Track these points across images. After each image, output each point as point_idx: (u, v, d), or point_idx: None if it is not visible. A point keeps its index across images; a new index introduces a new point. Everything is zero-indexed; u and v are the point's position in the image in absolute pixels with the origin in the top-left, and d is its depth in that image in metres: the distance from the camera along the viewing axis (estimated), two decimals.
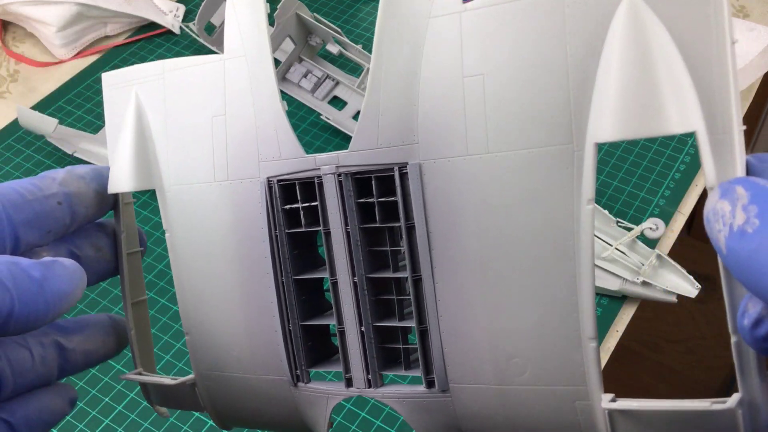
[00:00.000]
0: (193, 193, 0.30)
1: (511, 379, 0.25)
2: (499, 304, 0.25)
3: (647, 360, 1.27)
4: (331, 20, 0.85)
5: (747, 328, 0.19)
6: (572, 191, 0.23)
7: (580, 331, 0.24)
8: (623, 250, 0.59)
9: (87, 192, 0.29)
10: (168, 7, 0.86)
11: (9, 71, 0.83)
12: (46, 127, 0.69)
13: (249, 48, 0.28)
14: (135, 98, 0.31)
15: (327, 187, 0.27)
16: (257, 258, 0.29)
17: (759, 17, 0.86)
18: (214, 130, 0.29)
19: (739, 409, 0.21)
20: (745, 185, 0.18)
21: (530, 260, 0.24)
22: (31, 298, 0.24)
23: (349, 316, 0.28)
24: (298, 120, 0.76)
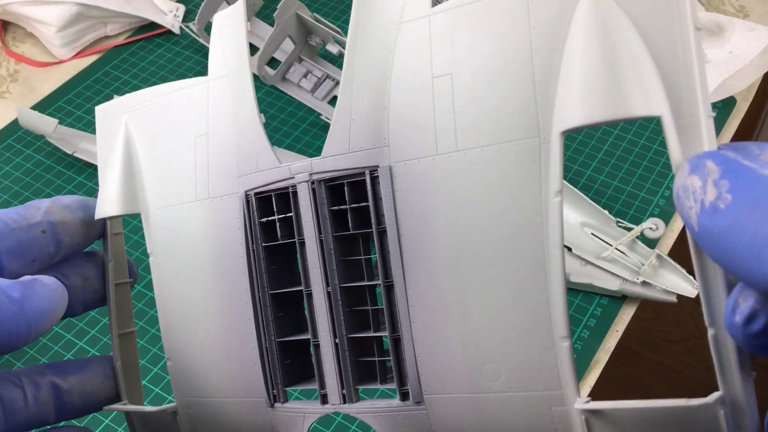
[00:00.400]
0: (175, 214, 0.30)
1: (485, 386, 0.24)
2: (471, 305, 0.24)
3: (647, 360, 1.26)
4: (331, 20, 0.85)
5: (739, 325, 0.19)
6: (540, 185, 0.23)
7: (552, 331, 0.23)
8: (623, 250, 0.59)
9: (72, 221, 0.29)
10: (168, 7, 0.86)
11: (9, 71, 0.83)
12: (46, 127, 0.69)
13: (231, 68, 0.29)
14: (124, 126, 0.31)
15: (301, 195, 0.27)
16: (235, 274, 0.29)
17: (759, 17, 0.86)
18: (197, 149, 0.29)
19: (719, 408, 0.20)
20: (715, 159, 0.18)
21: (500, 257, 0.24)
22: (11, 318, 0.24)
23: (323, 328, 0.27)
24: (298, 120, 0.76)
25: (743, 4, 0.88)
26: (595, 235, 0.60)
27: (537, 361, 0.23)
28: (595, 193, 0.68)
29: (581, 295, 0.61)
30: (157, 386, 0.57)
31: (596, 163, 0.72)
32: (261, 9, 0.84)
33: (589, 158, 0.72)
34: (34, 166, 0.73)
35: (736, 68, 0.76)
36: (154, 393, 0.57)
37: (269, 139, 0.62)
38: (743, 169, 0.17)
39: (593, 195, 0.68)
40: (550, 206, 0.22)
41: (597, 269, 0.59)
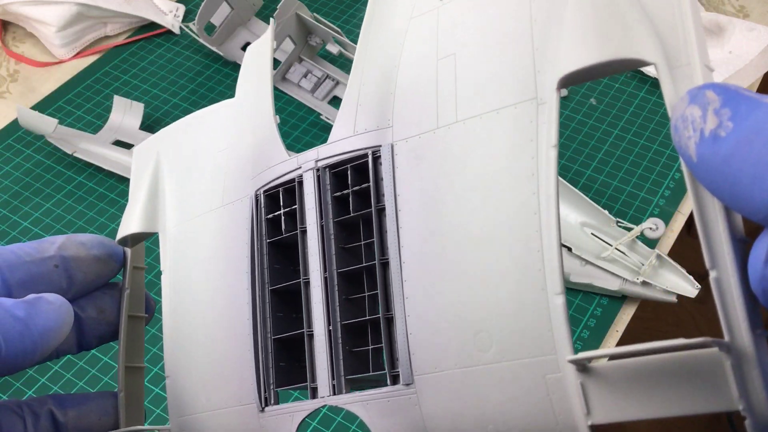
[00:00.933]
0: (190, 227, 0.30)
1: (476, 357, 0.23)
2: (465, 270, 0.24)
3: None
4: (331, 20, 0.85)
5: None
6: (536, 144, 0.22)
7: (546, 288, 0.22)
8: (623, 250, 0.59)
9: (86, 257, 0.29)
10: (168, 7, 0.86)
11: (9, 71, 0.83)
12: (46, 127, 0.69)
13: (255, 87, 0.30)
14: (155, 156, 0.32)
15: (306, 184, 0.27)
16: (238, 275, 0.28)
17: (759, 17, 0.86)
18: (217, 162, 0.30)
19: (725, 357, 0.19)
20: (715, 89, 0.17)
21: (494, 218, 0.23)
22: (17, 338, 0.24)
23: (317, 317, 0.27)
24: (298, 120, 0.76)
25: (743, 4, 0.88)
26: (595, 235, 0.60)
27: (530, 322, 0.22)
28: (595, 193, 0.68)
29: (581, 295, 0.61)
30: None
31: (596, 163, 0.72)
32: (261, 9, 0.84)
33: (589, 158, 0.72)
34: (34, 166, 0.73)
35: (736, 68, 0.76)
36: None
37: None
38: (745, 98, 0.16)
39: (593, 195, 0.68)
40: (545, 159, 0.22)
41: (597, 269, 0.59)
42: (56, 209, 0.69)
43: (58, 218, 0.68)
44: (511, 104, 0.23)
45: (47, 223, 0.68)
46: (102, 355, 0.59)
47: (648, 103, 0.77)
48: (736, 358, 0.19)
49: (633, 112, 0.76)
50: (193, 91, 0.79)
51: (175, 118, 0.77)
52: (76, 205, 0.69)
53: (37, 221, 0.68)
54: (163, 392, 0.56)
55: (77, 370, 0.58)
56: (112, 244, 0.30)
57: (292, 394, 0.28)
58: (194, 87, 0.80)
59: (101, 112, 0.77)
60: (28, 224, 0.68)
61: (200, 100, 0.78)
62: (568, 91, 0.78)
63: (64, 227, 0.68)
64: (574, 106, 0.77)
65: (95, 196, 0.70)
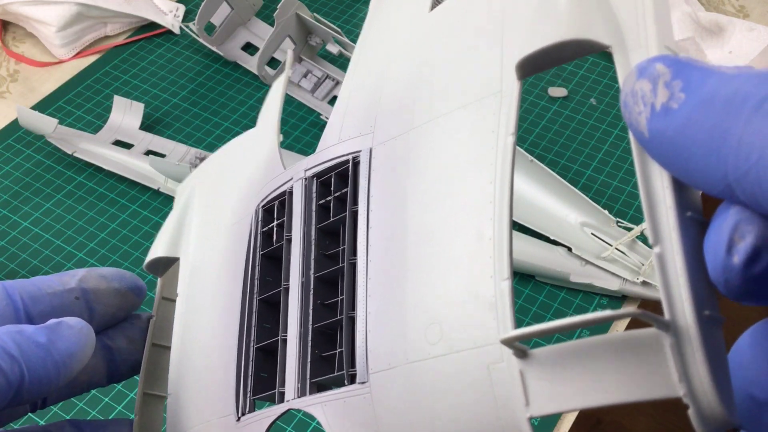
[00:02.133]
0: (205, 249, 0.31)
1: (425, 352, 0.22)
2: (425, 267, 0.23)
3: None
4: (331, 20, 0.85)
5: (738, 267, 0.16)
6: (497, 134, 0.22)
7: (495, 276, 0.21)
8: (623, 250, 0.59)
9: (107, 290, 0.29)
10: (168, 7, 0.86)
11: (9, 71, 0.83)
12: (46, 127, 0.69)
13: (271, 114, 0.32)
14: (190, 187, 0.33)
15: (295, 194, 0.27)
16: (234, 289, 0.29)
17: (759, 17, 0.86)
18: (234, 189, 0.31)
19: (665, 337, 0.17)
20: (665, 61, 0.16)
21: (452, 212, 0.23)
22: (40, 364, 0.24)
23: (292, 322, 0.27)
24: (298, 120, 0.76)
25: (743, 4, 0.88)
26: (595, 235, 0.60)
27: (476, 310, 0.21)
28: (595, 193, 0.68)
29: (581, 295, 0.61)
30: None
31: (596, 163, 0.72)
32: (261, 9, 0.84)
33: (589, 158, 0.72)
34: (34, 166, 0.73)
35: None
36: None
37: None
38: (696, 68, 0.16)
39: (593, 195, 0.68)
40: (503, 146, 0.21)
41: (597, 269, 0.59)
42: (56, 209, 0.69)
43: (58, 218, 0.68)
44: (477, 99, 0.23)
45: (47, 223, 0.68)
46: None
47: None
48: (675, 338, 0.17)
49: None
50: (193, 91, 0.79)
51: (175, 118, 0.77)
52: (76, 205, 0.69)
53: (37, 221, 0.68)
54: None
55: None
56: (133, 278, 0.31)
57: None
58: (194, 87, 0.80)
59: (101, 112, 0.77)
60: (28, 224, 0.68)
61: (200, 100, 0.78)
62: (567, 91, 0.78)
63: (64, 227, 0.67)
64: (574, 106, 0.77)
65: (95, 196, 0.70)
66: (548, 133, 0.75)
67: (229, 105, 0.78)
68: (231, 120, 0.77)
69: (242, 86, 0.80)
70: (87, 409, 0.56)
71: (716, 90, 0.15)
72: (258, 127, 0.33)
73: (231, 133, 0.75)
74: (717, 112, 0.15)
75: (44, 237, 0.67)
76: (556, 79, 0.79)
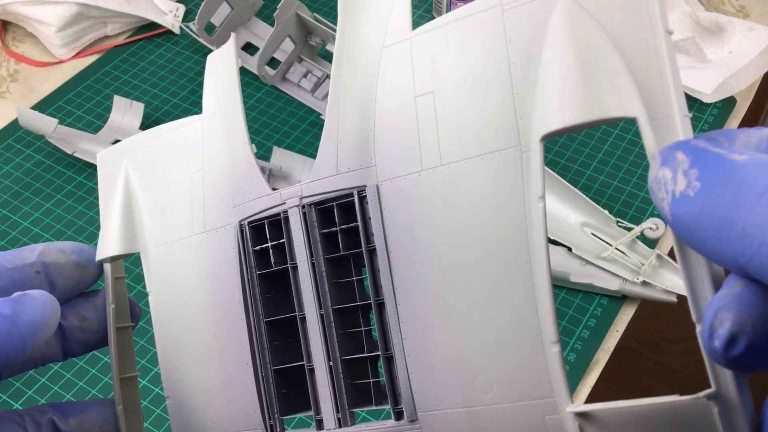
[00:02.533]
0: (173, 250, 0.30)
1: (478, 398, 0.24)
2: (460, 316, 0.24)
3: (647, 360, 1.26)
4: (331, 20, 0.85)
5: (720, 351, 0.18)
6: (522, 192, 0.23)
7: (541, 336, 0.23)
8: (623, 250, 0.59)
9: (66, 263, 0.29)
10: (168, 7, 0.86)
11: (9, 71, 0.83)
12: (46, 127, 0.69)
13: (224, 105, 0.29)
14: (124, 169, 0.31)
15: (292, 220, 0.27)
16: (231, 304, 0.29)
17: (759, 17, 0.86)
18: (192, 185, 0.29)
19: (713, 404, 0.20)
20: (684, 150, 0.18)
21: (486, 266, 0.24)
22: (5, 335, 0.24)
23: (317, 352, 0.27)
24: (298, 120, 0.76)
25: (743, 4, 0.88)
26: (595, 235, 0.60)
27: (528, 369, 0.23)
28: (595, 193, 0.68)
29: (581, 295, 0.61)
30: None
31: (596, 163, 0.72)
32: (261, 9, 0.84)
33: (589, 158, 0.72)
34: (34, 166, 0.73)
35: (736, 68, 0.76)
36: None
37: (269, 139, 0.62)
38: (712, 156, 0.17)
39: (593, 195, 0.68)
40: (533, 211, 0.23)
41: (597, 269, 0.59)
42: (56, 209, 0.69)
43: (58, 218, 0.68)
44: (495, 150, 0.23)
45: (47, 223, 0.68)
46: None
47: None
48: (722, 406, 0.20)
49: None
50: (193, 91, 0.79)
51: (175, 118, 0.77)
52: (76, 205, 0.69)
53: (37, 221, 0.68)
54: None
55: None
56: (92, 251, 0.31)
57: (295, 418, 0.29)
58: (194, 87, 0.80)
59: (101, 112, 0.77)
60: (28, 224, 0.68)
61: (200, 100, 0.78)
62: None
63: (64, 227, 0.68)
64: None
65: (95, 196, 0.70)
66: None
67: None
68: None
69: (242, 86, 0.80)
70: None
71: (726, 180, 0.16)
72: (208, 116, 0.30)
73: None
74: (725, 203, 0.16)
75: (44, 237, 0.67)
76: None
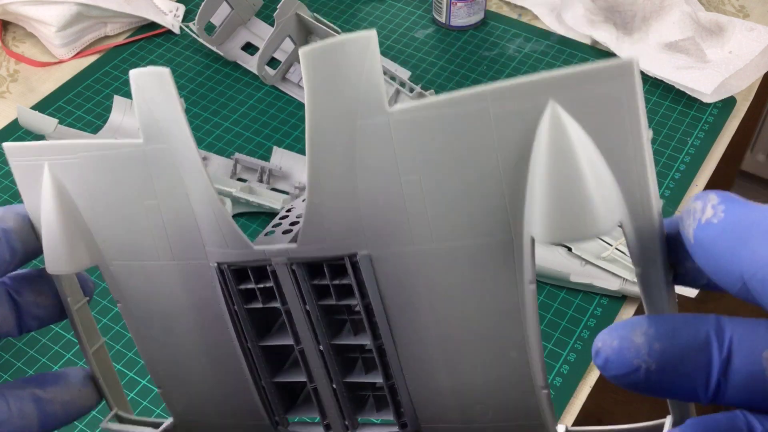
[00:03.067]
0: (139, 268, 0.29)
1: (476, 418, 0.27)
2: (458, 366, 0.26)
3: None
4: (331, 20, 0.85)
5: (601, 367, 0.21)
6: (515, 275, 0.24)
7: (533, 383, 0.26)
8: (623, 250, 0.59)
9: (25, 228, 0.29)
10: (168, 7, 0.86)
11: (9, 71, 0.83)
12: (46, 127, 0.69)
13: (169, 137, 0.26)
14: (49, 174, 0.28)
15: (280, 273, 0.27)
16: (219, 328, 0.29)
17: (759, 17, 0.86)
18: (148, 214, 0.28)
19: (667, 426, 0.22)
20: (717, 194, 0.21)
21: (483, 331, 0.26)
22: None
23: (319, 376, 0.28)
24: (297, 120, 0.76)
25: (743, 4, 0.88)
26: None
27: (521, 404, 0.26)
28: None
29: (581, 295, 0.61)
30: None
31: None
32: (261, 9, 0.84)
33: None
34: None
35: (736, 68, 0.76)
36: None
37: (269, 139, 0.62)
38: (740, 201, 0.20)
39: None
40: (525, 292, 0.24)
41: (597, 269, 0.59)
42: None
43: None
44: (488, 235, 0.24)
45: None
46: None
47: (648, 103, 0.77)
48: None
49: None
50: (193, 91, 0.79)
51: None
52: None
53: None
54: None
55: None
56: None
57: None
58: (194, 87, 0.80)
59: (101, 112, 0.77)
60: None
61: (200, 100, 0.78)
62: None
63: None
64: None
65: None
66: None
67: (229, 105, 0.78)
68: (231, 120, 0.77)
69: (242, 86, 0.80)
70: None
71: (747, 213, 0.20)
72: (150, 144, 0.27)
73: (231, 133, 0.75)
74: (742, 229, 0.19)
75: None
76: None
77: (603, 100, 0.20)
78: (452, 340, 0.26)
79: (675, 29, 0.80)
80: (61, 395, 0.30)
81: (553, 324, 0.60)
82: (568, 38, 0.84)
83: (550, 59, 0.82)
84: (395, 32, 0.86)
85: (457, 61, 0.82)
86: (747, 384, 0.20)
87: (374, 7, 0.89)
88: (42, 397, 0.29)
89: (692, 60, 0.78)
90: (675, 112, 0.76)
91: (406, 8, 0.88)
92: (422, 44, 0.84)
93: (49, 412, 0.29)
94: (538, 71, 0.23)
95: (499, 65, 0.81)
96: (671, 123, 0.75)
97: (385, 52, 0.83)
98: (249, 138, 0.75)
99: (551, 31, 0.85)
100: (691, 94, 0.77)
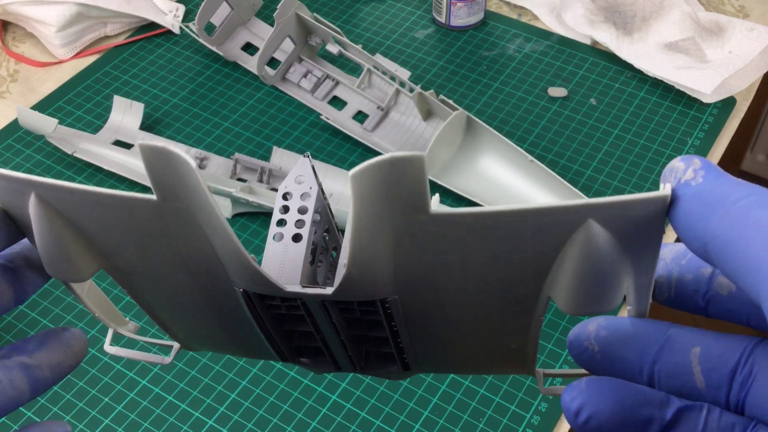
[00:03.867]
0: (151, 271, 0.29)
1: None
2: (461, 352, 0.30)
3: None
4: (331, 20, 0.85)
5: (572, 420, 0.23)
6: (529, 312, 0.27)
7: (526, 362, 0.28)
8: None
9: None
10: (168, 7, 0.86)
11: (9, 71, 0.83)
12: (46, 127, 0.69)
13: (188, 198, 0.25)
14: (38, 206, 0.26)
15: (314, 311, 0.28)
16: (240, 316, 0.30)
17: (759, 17, 0.86)
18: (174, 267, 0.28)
19: None
20: (701, 159, 0.22)
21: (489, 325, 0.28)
22: None
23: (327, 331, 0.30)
24: (297, 120, 0.76)
25: (743, 4, 0.88)
26: None
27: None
28: (595, 193, 0.68)
29: None
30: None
31: (596, 163, 0.72)
32: (261, 9, 0.84)
33: (589, 158, 0.72)
34: (34, 166, 0.73)
35: (736, 68, 0.76)
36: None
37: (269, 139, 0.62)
38: (720, 172, 0.22)
39: (593, 195, 0.68)
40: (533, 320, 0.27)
41: None
42: None
43: None
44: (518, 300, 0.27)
45: None
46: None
47: (648, 103, 0.77)
48: None
49: (633, 112, 0.76)
50: (193, 91, 0.79)
51: (175, 118, 0.77)
52: None
53: None
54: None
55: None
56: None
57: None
58: (194, 87, 0.80)
59: (101, 112, 0.77)
60: None
61: (200, 100, 0.78)
62: (567, 91, 0.78)
63: None
64: (574, 106, 0.77)
65: None
66: (548, 133, 0.75)
67: (229, 105, 0.78)
68: (231, 120, 0.77)
69: (242, 86, 0.80)
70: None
71: (722, 184, 0.21)
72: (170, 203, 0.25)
73: (231, 133, 0.75)
74: (716, 196, 0.21)
75: None
76: (556, 79, 0.79)
77: (636, 219, 0.23)
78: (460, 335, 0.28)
79: (675, 29, 0.80)
80: (47, 359, 0.30)
81: (554, 324, 0.60)
82: (568, 38, 0.84)
83: (550, 59, 0.82)
84: (395, 32, 0.86)
85: (457, 61, 0.82)
86: (675, 373, 0.23)
87: (374, 7, 0.89)
88: (30, 364, 0.29)
89: (692, 60, 0.78)
90: (675, 112, 0.76)
91: (406, 8, 0.88)
92: (422, 44, 0.84)
93: (38, 378, 0.29)
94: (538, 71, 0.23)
95: (499, 65, 0.81)
96: (671, 123, 0.75)
97: (385, 52, 0.83)
98: (249, 138, 0.75)
99: (551, 31, 0.85)
100: (691, 94, 0.77)
